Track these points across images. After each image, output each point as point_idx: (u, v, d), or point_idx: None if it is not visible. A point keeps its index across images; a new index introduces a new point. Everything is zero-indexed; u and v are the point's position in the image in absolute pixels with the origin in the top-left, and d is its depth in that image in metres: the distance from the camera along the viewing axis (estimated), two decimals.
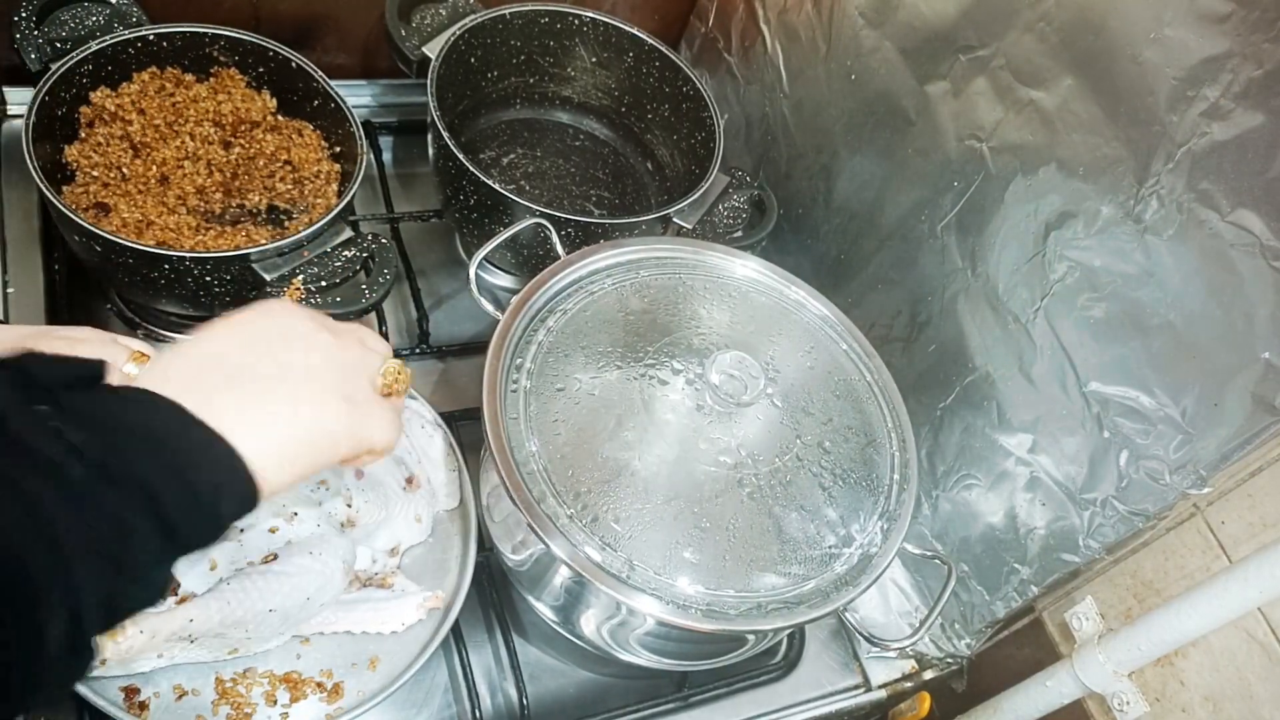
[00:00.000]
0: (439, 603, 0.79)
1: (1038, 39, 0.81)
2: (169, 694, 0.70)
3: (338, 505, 0.77)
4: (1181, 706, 0.81)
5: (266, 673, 0.73)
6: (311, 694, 0.73)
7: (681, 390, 0.79)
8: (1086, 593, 0.89)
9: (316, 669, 0.74)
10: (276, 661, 0.73)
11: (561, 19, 1.14)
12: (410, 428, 0.85)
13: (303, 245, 0.87)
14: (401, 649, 0.77)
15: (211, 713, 0.70)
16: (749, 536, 0.74)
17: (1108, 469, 0.80)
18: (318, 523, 0.73)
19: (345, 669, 0.75)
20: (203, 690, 0.71)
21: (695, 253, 0.91)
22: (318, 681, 0.73)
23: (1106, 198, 0.77)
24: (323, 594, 0.72)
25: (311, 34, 1.14)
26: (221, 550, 0.70)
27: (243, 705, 0.70)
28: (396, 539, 0.81)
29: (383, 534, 0.81)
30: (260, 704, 0.71)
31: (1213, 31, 0.68)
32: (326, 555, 0.72)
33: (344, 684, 0.74)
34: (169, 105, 0.95)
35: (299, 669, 0.74)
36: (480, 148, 1.16)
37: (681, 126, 1.16)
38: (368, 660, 0.76)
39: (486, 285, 1.10)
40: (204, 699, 0.70)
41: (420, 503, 0.83)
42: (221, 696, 0.71)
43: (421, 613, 0.78)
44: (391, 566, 0.80)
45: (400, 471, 0.83)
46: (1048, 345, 0.84)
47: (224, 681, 0.71)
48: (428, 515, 0.84)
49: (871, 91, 1.00)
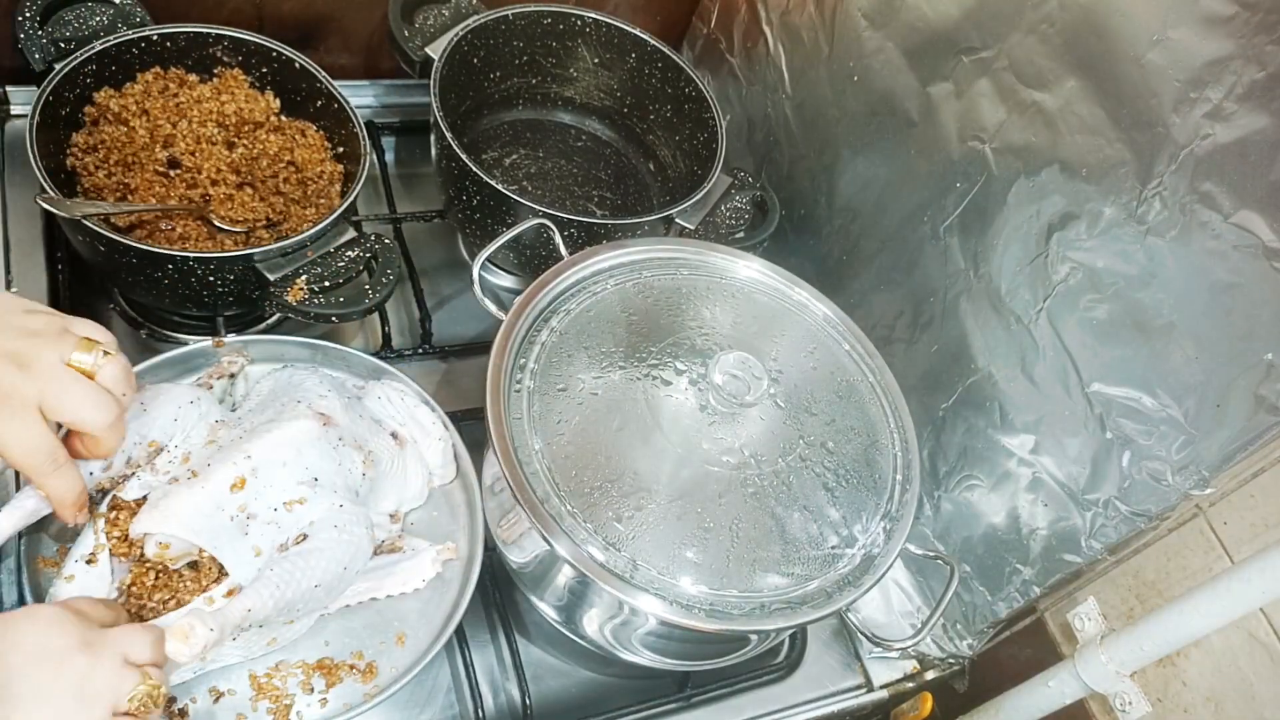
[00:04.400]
0: (454, 553, 0.80)
1: (1040, 40, 0.81)
2: (206, 698, 0.70)
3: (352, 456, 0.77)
4: (1183, 707, 0.81)
5: (299, 663, 0.73)
6: (347, 676, 0.73)
7: (684, 391, 0.79)
8: (1089, 593, 0.89)
9: (348, 652, 0.75)
10: (306, 651, 0.74)
11: (564, 20, 1.14)
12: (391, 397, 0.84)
13: (306, 245, 0.87)
14: (424, 622, 0.77)
15: (251, 710, 0.70)
16: (752, 537, 0.74)
17: (1110, 469, 0.80)
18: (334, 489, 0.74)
19: (375, 648, 0.75)
20: (239, 689, 0.71)
21: (698, 253, 0.91)
22: (350, 664, 0.74)
23: (1109, 199, 0.77)
24: (356, 561, 0.73)
25: (315, 34, 1.14)
26: (263, 534, 0.70)
27: (281, 697, 0.71)
28: (397, 501, 0.81)
29: (383, 496, 0.81)
30: (298, 693, 0.72)
31: (1216, 33, 0.68)
32: (350, 524, 0.73)
33: (376, 663, 0.74)
34: (173, 105, 0.95)
35: (330, 654, 0.74)
36: (483, 148, 1.16)
37: (684, 127, 1.16)
38: (395, 637, 0.76)
39: (489, 286, 1.10)
40: (241, 698, 0.70)
41: (412, 464, 0.83)
42: (259, 692, 0.71)
43: (438, 565, 0.78)
44: (396, 531, 0.81)
45: (383, 432, 0.82)
46: (1050, 346, 0.84)
47: (258, 678, 0.71)
48: (422, 474, 0.83)
49: (874, 93, 1.00)
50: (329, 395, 0.79)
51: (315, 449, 0.74)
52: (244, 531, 0.69)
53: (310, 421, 0.75)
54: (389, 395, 0.84)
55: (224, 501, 0.69)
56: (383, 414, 0.84)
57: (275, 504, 0.71)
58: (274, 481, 0.71)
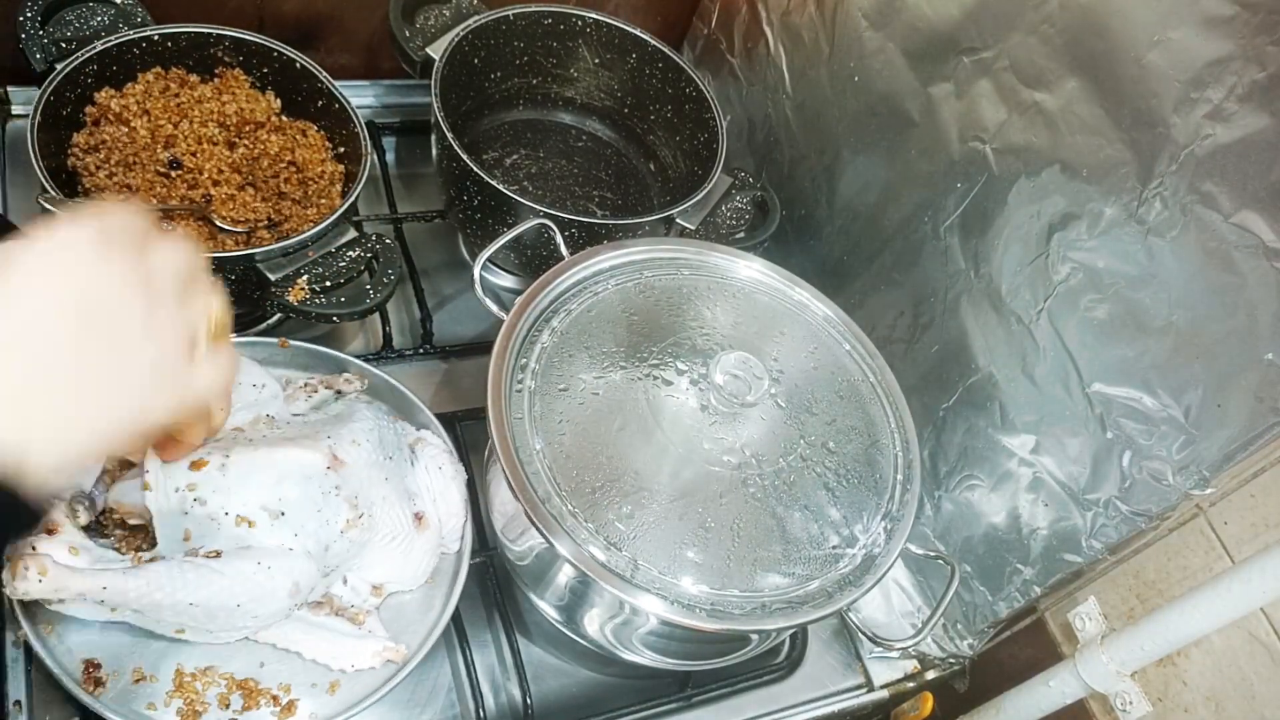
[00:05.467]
0: (399, 657, 0.75)
1: (1041, 41, 0.81)
2: (128, 676, 0.69)
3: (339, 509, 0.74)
4: (1184, 706, 0.81)
5: (226, 674, 0.71)
6: (265, 705, 0.71)
7: (685, 390, 0.79)
8: (1089, 593, 0.89)
9: (275, 682, 0.72)
10: (239, 665, 0.72)
11: (564, 20, 1.14)
12: (429, 468, 0.82)
13: (307, 245, 0.88)
14: (363, 678, 0.74)
15: (164, 703, 0.69)
16: (753, 536, 0.74)
17: (1110, 469, 0.80)
18: (295, 533, 0.70)
19: (304, 688, 0.72)
20: (161, 678, 0.70)
21: (698, 253, 0.91)
22: (274, 694, 0.71)
23: (1110, 199, 0.77)
24: (258, 606, 0.69)
25: (315, 35, 1.14)
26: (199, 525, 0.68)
27: (195, 703, 0.69)
28: (387, 576, 0.78)
29: (376, 564, 0.77)
30: (213, 705, 0.70)
31: (1216, 34, 0.68)
32: (275, 570, 0.69)
33: (298, 703, 0.71)
34: (174, 106, 0.95)
35: (258, 677, 0.72)
36: (483, 148, 1.16)
37: (684, 128, 1.16)
38: (329, 684, 0.73)
39: (490, 286, 1.09)
40: (160, 687, 0.69)
41: (424, 546, 0.79)
42: (178, 689, 0.69)
43: (377, 661, 0.74)
44: (370, 605, 0.77)
45: (410, 506, 0.80)
46: (1050, 346, 0.84)
47: (184, 674, 0.70)
48: (428, 564, 0.80)
49: (874, 93, 1.00)
50: (364, 444, 0.76)
51: (299, 486, 0.71)
52: (184, 510, 0.68)
53: (313, 455, 0.72)
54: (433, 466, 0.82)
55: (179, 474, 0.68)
56: (420, 487, 0.81)
57: (228, 508, 0.69)
58: (236, 489, 0.69)
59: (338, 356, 0.87)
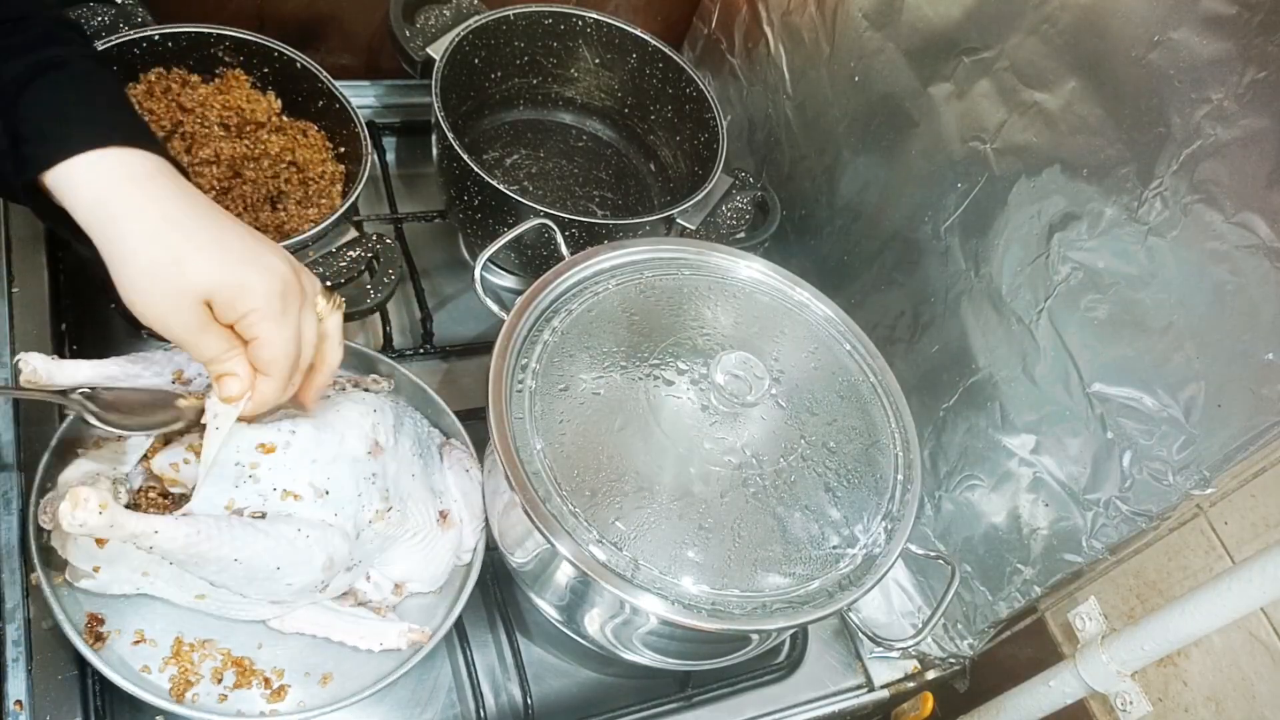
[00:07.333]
0: (424, 639, 0.76)
1: (1041, 41, 0.81)
2: (129, 636, 0.70)
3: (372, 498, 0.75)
4: (1184, 706, 0.81)
5: (224, 650, 0.72)
6: (256, 686, 0.72)
7: (686, 390, 0.79)
8: (1089, 593, 0.89)
9: (269, 665, 0.73)
10: (238, 642, 0.73)
11: (565, 20, 1.14)
12: (456, 470, 0.84)
13: (307, 245, 0.88)
14: (355, 675, 0.75)
15: (159, 668, 0.69)
16: (753, 536, 0.74)
17: (1111, 469, 0.80)
18: (335, 511, 0.72)
19: (296, 675, 0.73)
20: (160, 643, 0.70)
21: (699, 254, 0.91)
22: (266, 676, 0.72)
23: (1110, 199, 0.77)
24: (293, 572, 0.69)
25: (316, 35, 1.14)
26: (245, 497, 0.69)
27: (189, 673, 0.70)
28: (409, 574, 0.79)
29: (399, 560, 0.79)
30: (206, 677, 0.70)
31: (1217, 34, 0.68)
32: (314, 540, 0.70)
33: (288, 688, 0.72)
34: (175, 105, 0.95)
35: (253, 658, 0.73)
36: (484, 148, 1.16)
37: (684, 128, 1.16)
38: (321, 675, 0.74)
39: (490, 286, 1.10)
40: (158, 652, 0.70)
41: (446, 545, 0.80)
42: (175, 656, 0.70)
43: (403, 642, 0.76)
44: (391, 603, 0.79)
45: (435, 504, 0.81)
46: (1051, 346, 0.84)
47: (183, 642, 0.71)
48: (448, 563, 0.81)
49: (875, 93, 1.00)
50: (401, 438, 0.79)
51: (349, 468, 0.73)
52: (236, 484, 0.69)
53: (361, 444, 0.74)
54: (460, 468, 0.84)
55: (246, 451, 0.69)
56: (447, 487, 0.82)
57: (277, 485, 0.70)
58: (293, 467, 0.71)
59: (367, 353, 0.87)
